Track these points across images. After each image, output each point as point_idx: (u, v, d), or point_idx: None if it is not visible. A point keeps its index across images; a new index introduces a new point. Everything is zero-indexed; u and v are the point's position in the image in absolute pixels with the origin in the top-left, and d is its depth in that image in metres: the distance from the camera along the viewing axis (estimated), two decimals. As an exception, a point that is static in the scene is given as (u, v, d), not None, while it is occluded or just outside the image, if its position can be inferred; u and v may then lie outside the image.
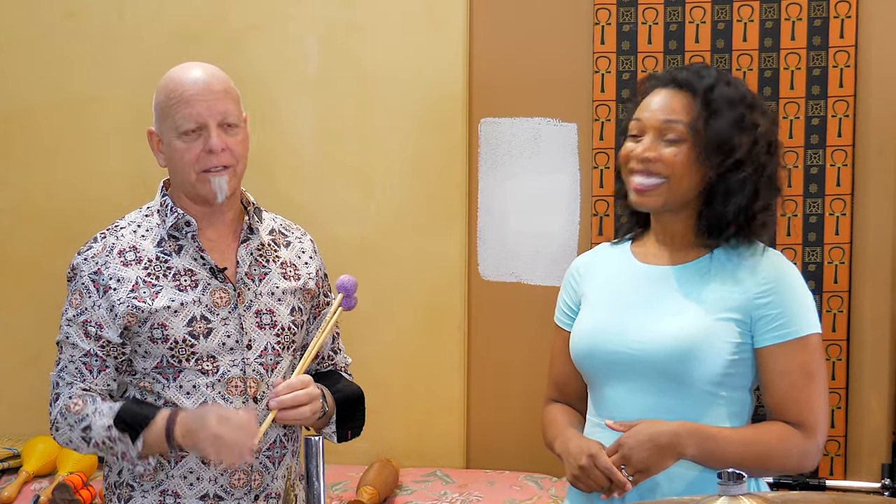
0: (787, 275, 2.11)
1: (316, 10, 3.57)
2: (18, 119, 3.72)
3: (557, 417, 2.28)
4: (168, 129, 2.24)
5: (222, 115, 2.21)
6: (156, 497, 2.26)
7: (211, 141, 2.20)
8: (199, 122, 2.20)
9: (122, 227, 2.29)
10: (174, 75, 2.26)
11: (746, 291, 2.09)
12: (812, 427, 2.08)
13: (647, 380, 2.11)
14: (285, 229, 2.42)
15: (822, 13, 3.26)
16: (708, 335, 2.07)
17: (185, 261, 2.25)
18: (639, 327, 2.12)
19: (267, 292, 2.31)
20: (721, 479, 1.59)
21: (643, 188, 2.13)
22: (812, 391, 2.08)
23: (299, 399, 2.20)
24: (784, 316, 2.07)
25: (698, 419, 2.08)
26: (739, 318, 2.09)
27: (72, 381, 2.23)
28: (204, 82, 2.22)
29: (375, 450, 3.47)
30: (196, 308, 2.23)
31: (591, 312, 2.22)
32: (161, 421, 2.16)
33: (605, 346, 2.15)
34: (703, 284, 2.12)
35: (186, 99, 2.20)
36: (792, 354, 2.07)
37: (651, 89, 2.18)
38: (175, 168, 2.26)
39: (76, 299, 2.25)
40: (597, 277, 2.26)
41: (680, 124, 2.10)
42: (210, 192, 2.23)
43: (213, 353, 2.23)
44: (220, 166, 2.22)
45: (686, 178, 2.11)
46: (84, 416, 2.20)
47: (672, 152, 2.10)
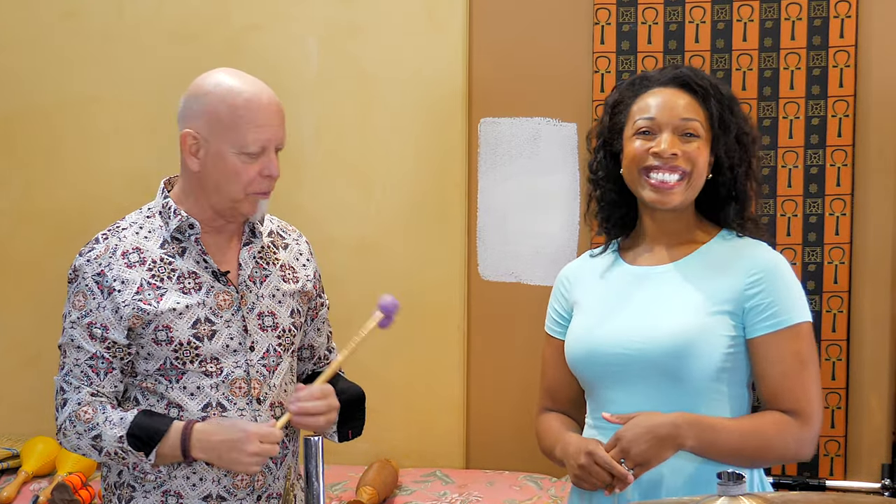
0: (775, 265, 2.13)
1: (316, 10, 3.57)
2: (18, 119, 3.72)
3: (552, 424, 2.28)
4: (228, 142, 2.17)
5: (280, 141, 2.23)
6: (158, 497, 2.26)
7: (272, 166, 2.20)
8: (264, 146, 2.19)
9: (123, 229, 2.27)
10: (240, 88, 2.19)
11: (736, 284, 2.10)
12: (808, 414, 2.08)
13: (646, 380, 2.11)
14: (283, 231, 2.42)
15: (822, 13, 3.26)
16: (704, 330, 2.08)
17: (188, 263, 2.25)
18: (635, 328, 2.13)
19: (268, 294, 2.31)
20: (721, 480, 1.59)
21: (667, 185, 2.13)
22: (805, 378, 2.09)
23: (319, 409, 2.21)
24: (774, 305, 2.09)
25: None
26: (732, 310, 2.10)
27: (79, 386, 2.22)
28: (276, 106, 2.21)
29: (375, 450, 3.47)
30: (200, 310, 2.23)
31: (586, 318, 2.23)
32: (175, 434, 2.17)
33: (602, 350, 2.15)
34: (694, 280, 2.13)
35: (261, 122, 2.18)
36: (784, 343, 2.08)
37: (644, 90, 2.19)
38: (220, 182, 2.20)
39: (79, 301, 2.23)
40: (587, 283, 2.27)
41: (697, 122, 2.14)
42: (251, 211, 2.23)
43: (217, 355, 2.23)
44: (269, 191, 2.24)
45: (703, 172, 2.15)
46: (94, 426, 2.19)
47: (693, 147, 2.13)
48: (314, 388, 2.22)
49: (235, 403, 2.24)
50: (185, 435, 2.16)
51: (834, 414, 3.32)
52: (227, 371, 2.24)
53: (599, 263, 2.29)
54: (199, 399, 2.23)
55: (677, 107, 2.15)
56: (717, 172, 2.18)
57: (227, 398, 2.24)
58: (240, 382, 2.25)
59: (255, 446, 2.14)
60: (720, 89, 2.17)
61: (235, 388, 2.25)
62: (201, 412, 2.22)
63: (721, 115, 2.15)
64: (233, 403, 2.24)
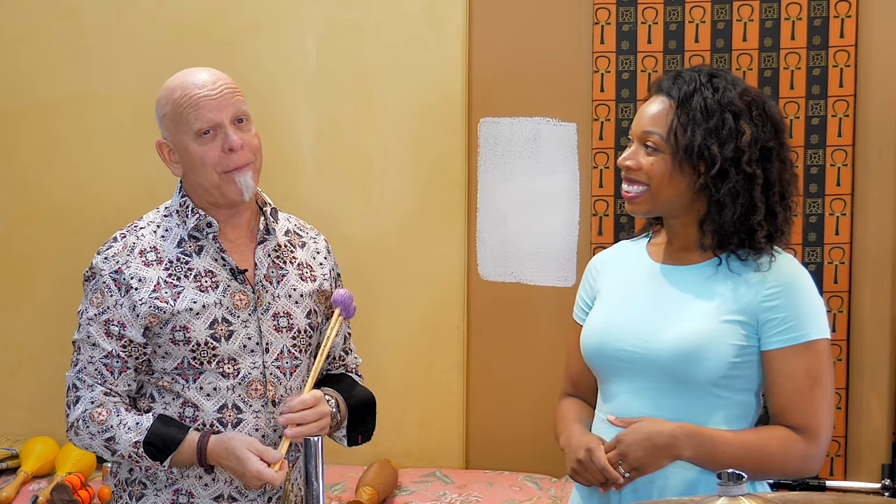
0: (797, 278, 2.09)
1: (315, 9, 3.56)
2: (18, 118, 3.71)
3: (567, 412, 2.28)
4: (181, 135, 2.21)
5: (234, 110, 2.21)
6: (169, 496, 2.26)
7: (230, 139, 2.19)
8: (213, 122, 2.19)
9: (141, 228, 2.28)
10: (177, 83, 2.23)
11: (755, 294, 2.07)
12: (815, 432, 2.07)
13: (650, 379, 2.11)
14: (300, 230, 2.42)
15: (822, 13, 3.26)
16: (712, 337, 2.06)
17: (205, 262, 2.25)
18: (645, 326, 2.12)
19: (284, 295, 2.30)
20: (721, 480, 1.59)
21: (628, 196, 2.15)
22: (816, 396, 2.07)
23: (308, 418, 2.20)
24: (792, 319, 2.06)
25: (700, 419, 2.08)
26: (745, 320, 2.07)
27: (93, 384, 2.21)
28: (211, 82, 2.21)
29: (375, 450, 3.47)
30: (217, 310, 2.23)
31: (603, 309, 2.23)
32: (191, 445, 2.18)
33: (612, 343, 2.15)
34: (712, 285, 2.11)
35: (196, 101, 2.19)
36: (798, 358, 2.06)
37: (650, 95, 2.18)
38: (195, 173, 2.23)
39: (97, 298, 2.23)
40: (613, 274, 2.27)
41: (657, 134, 2.10)
42: (236, 191, 2.22)
43: (234, 356, 2.23)
44: (242, 164, 2.21)
45: (667, 186, 2.10)
46: (108, 427, 2.20)
47: (650, 161, 2.10)
48: (305, 397, 2.22)
49: (251, 405, 2.24)
50: (200, 453, 2.18)
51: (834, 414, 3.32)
52: (245, 372, 2.24)
53: (628, 254, 2.28)
54: (214, 400, 2.23)
55: (644, 117, 2.13)
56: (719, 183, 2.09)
57: (242, 399, 2.24)
58: (256, 384, 2.25)
59: (257, 483, 2.16)
60: (700, 96, 2.07)
61: (252, 390, 2.24)
62: (217, 413, 2.23)
63: (684, 126, 2.06)
64: (248, 405, 2.24)
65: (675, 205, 2.12)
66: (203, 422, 2.23)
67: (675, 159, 2.08)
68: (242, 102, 2.23)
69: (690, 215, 2.13)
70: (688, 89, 2.09)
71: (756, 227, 2.08)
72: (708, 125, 2.06)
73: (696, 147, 2.06)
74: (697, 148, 2.06)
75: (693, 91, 2.09)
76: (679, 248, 2.18)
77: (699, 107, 2.07)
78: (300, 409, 2.19)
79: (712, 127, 2.06)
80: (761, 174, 2.08)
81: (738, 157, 2.06)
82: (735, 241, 2.10)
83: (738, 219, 2.08)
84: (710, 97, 2.08)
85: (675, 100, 2.10)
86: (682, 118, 2.08)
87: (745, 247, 2.10)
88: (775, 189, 2.09)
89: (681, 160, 2.07)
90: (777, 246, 2.12)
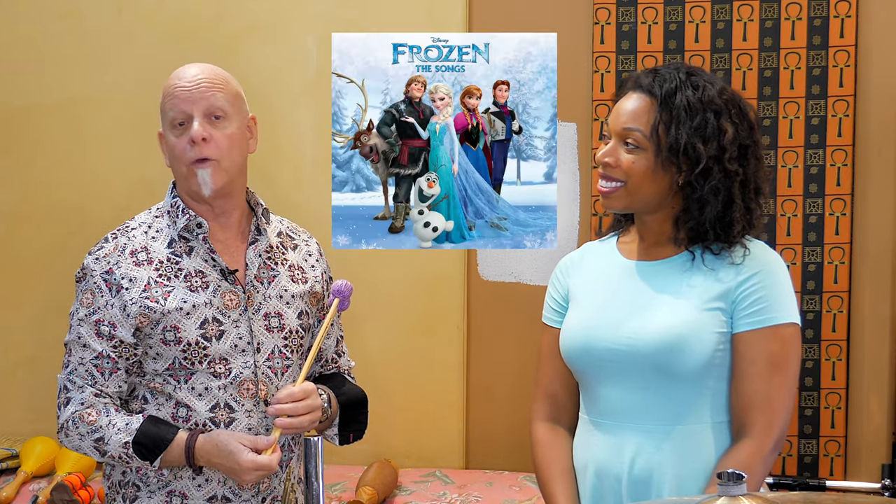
0: (770, 265, 2.10)
1: (316, 9, 3.56)
2: (18, 119, 3.71)
3: (550, 458, 2.22)
4: (164, 125, 2.27)
5: (207, 105, 2.21)
6: (163, 497, 2.26)
7: (192, 130, 2.20)
8: (185, 114, 2.21)
9: (132, 228, 2.29)
10: (172, 75, 2.28)
11: (730, 280, 2.08)
12: (765, 426, 2.03)
13: (638, 375, 2.10)
14: (292, 232, 2.43)
15: (822, 13, 3.26)
16: (695, 326, 2.07)
17: (195, 262, 2.25)
18: (629, 323, 2.12)
19: (275, 295, 2.31)
20: (721, 480, 1.58)
21: (603, 191, 2.15)
22: (775, 384, 2.05)
23: (298, 410, 2.21)
24: (761, 302, 2.06)
25: (689, 411, 2.09)
26: (723, 306, 2.08)
27: (83, 385, 2.22)
28: (192, 76, 2.23)
29: (374, 450, 3.47)
30: (208, 310, 2.23)
31: (581, 310, 2.22)
32: (179, 448, 2.19)
33: (598, 344, 2.15)
34: (688, 276, 2.12)
35: (173, 93, 2.23)
36: (762, 342, 2.05)
37: (625, 92, 2.17)
38: (172, 164, 2.27)
39: (87, 298, 2.24)
40: (584, 275, 2.26)
41: (639, 132, 2.09)
42: (196, 185, 2.23)
43: (226, 356, 2.24)
44: (203, 158, 2.21)
45: (646, 184, 2.10)
46: (97, 428, 2.20)
47: (630, 159, 2.10)
48: (294, 389, 2.22)
49: (243, 405, 2.25)
50: (188, 452, 2.18)
51: (834, 414, 3.32)
52: (236, 372, 2.24)
53: (597, 254, 2.28)
54: (206, 400, 2.23)
55: (627, 114, 2.12)
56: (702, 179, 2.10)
57: (234, 399, 2.24)
58: (248, 384, 2.25)
59: (250, 475, 2.16)
60: (682, 94, 2.07)
61: (243, 390, 2.25)
62: (209, 413, 2.23)
63: (668, 125, 2.07)
64: (240, 405, 2.24)
65: (652, 201, 2.12)
66: (196, 422, 2.23)
67: (657, 157, 2.08)
68: (221, 99, 2.23)
69: (665, 211, 2.14)
70: (669, 87, 2.09)
71: (733, 222, 2.09)
72: (692, 123, 2.07)
73: (681, 145, 2.06)
74: (683, 146, 2.06)
75: (675, 89, 2.09)
76: (651, 244, 2.18)
77: (682, 105, 2.07)
78: (288, 401, 2.20)
79: (696, 125, 2.07)
80: (741, 171, 2.10)
81: (720, 156, 2.08)
82: (711, 237, 2.11)
83: (716, 216, 2.09)
84: (691, 95, 2.08)
85: (656, 98, 2.09)
86: (664, 116, 2.08)
87: (720, 241, 2.11)
88: (752, 186, 2.12)
89: (664, 158, 2.08)
90: (748, 234, 2.13)
